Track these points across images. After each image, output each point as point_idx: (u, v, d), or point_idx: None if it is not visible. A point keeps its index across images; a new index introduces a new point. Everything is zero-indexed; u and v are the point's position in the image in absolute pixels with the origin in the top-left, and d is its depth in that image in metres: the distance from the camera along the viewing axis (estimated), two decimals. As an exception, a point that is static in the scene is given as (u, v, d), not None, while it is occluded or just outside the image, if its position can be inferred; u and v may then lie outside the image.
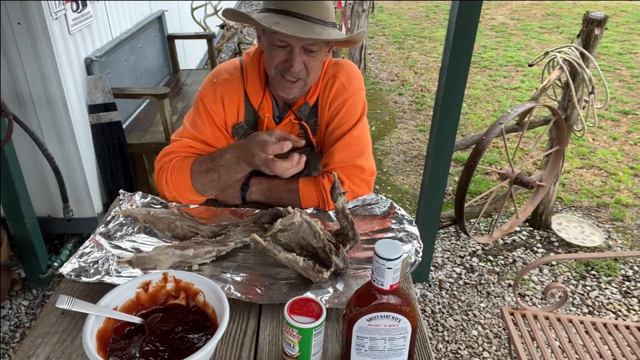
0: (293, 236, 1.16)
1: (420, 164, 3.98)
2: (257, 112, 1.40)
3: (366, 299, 0.84)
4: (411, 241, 1.23)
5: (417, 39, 7.46)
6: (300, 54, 1.23)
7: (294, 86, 1.29)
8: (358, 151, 1.38)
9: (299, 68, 1.25)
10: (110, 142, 2.74)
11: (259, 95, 1.38)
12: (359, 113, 1.38)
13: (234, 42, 6.14)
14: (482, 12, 4.01)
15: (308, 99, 1.38)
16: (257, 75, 1.37)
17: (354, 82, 1.38)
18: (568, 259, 2.88)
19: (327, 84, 1.37)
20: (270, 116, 1.40)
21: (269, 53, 1.27)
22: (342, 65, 1.40)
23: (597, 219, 3.32)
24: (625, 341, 1.76)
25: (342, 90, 1.36)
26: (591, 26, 2.56)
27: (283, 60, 1.25)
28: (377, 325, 0.85)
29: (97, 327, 0.88)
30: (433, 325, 2.48)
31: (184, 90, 3.69)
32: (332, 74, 1.37)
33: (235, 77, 1.38)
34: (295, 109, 1.39)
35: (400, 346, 0.88)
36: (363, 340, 0.87)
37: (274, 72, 1.29)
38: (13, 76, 2.38)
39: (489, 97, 5.32)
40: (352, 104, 1.37)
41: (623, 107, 4.99)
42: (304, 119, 1.40)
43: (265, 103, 1.39)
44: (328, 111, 1.38)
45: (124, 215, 1.25)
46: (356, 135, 1.37)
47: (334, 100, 1.37)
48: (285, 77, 1.27)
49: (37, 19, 2.25)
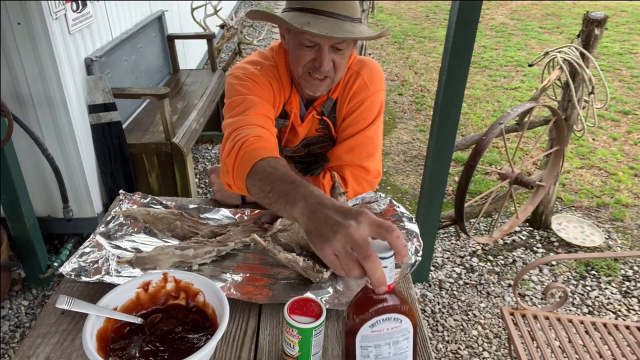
0: (293, 236, 1.16)
1: (420, 164, 3.98)
2: (285, 106, 1.38)
3: (365, 305, 0.81)
4: (411, 239, 1.22)
5: (417, 39, 7.46)
6: (329, 52, 1.22)
7: (321, 84, 1.28)
8: (368, 152, 1.37)
9: (329, 67, 1.23)
10: (110, 142, 2.74)
11: (287, 91, 1.36)
12: (375, 113, 1.37)
13: (234, 42, 6.14)
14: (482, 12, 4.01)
15: (331, 95, 1.37)
16: (285, 70, 1.35)
17: (376, 82, 1.37)
18: (568, 259, 2.88)
19: (349, 79, 1.36)
20: (297, 113, 1.39)
21: (296, 52, 1.25)
22: (366, 63, 1.38)
23: (597, 219, 3.32)
24: (625, 341, 1.76)
25: (364, 87, 1.35)
26: (591, 26, 2.56)
27: (311, 60, 1.24)
28: (380, 331, 0.82)
29: (97, 327, 0.88)
30: (433, 325, 2.48)
31: (184, 90, 3.68)
32: (355, 71, 1.36)
33: (274, 66, 1.33)
34: (318, 105, 1.38)
35: (404, 349, 0.86)
36: (368, 350, 0.84)
37: (301, 71, 1.27)
38: (13, 76, 2.38)
39: (489, 97, 5.32)
40: (370, 102, 1.36)
41: (623, 107, 4.99)
42: (325, 114, 1.39)
43: (293, 98, 1.37)
44: (347, 106, 1.37)
45: (124, 215, 1.25)
46: (369, 136, 1.36)
47: (354, 96, 1.36)
48: (313, 75, 1.26)
49: (37, 19, 2.25)
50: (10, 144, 2.26)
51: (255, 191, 1.03)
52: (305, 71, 1.26)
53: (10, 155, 2.28)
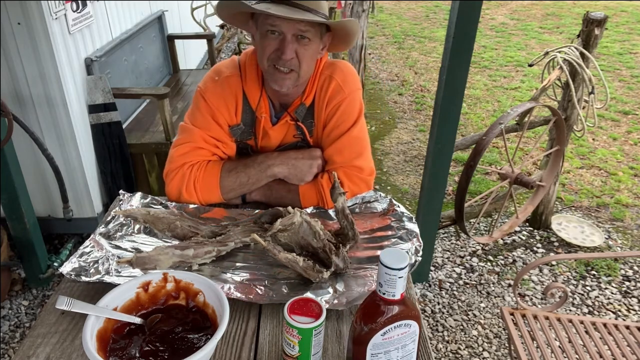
0: (293, 236, 1.16)
1: (420, 164, 3.98)
2: (255, 112, 1.40)
3: (375, 313, 0.80)
4: (411, 239, 1.22)
5: (417, 39, 7.46)
6: (292, 41, 1.23)
7: (286, 77, 1.28)
8: (357, 151, 1.38)
9: (291, 55, 1.24)
10: (110, 142, 2.74)
11: (256, 95, 1.38)
12: (356, 113, 1.38)
13: (234, 42, 6.15)
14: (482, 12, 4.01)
15: (304, 100, 1.38)
16: (255, 74, 1.37)
17: (350, 83, 1.38)
18: (568, 259, 2.88)
19: (323, 84, 1.37)
20: (267, 117, 1.40)
21: (261, 44, 1.27)
22: (338, 65, 1.40)
23: (597, 219, 3.32)
24: (625, 341, 1.76)
25: (339, 90, 1.36)
26: (591, 26, 2.56)
27: (275, 50, 1.25)
28: (391, 337, 0.82)
29: (97, 327, 0.88)
30: (433, 325, 2.48)
31: (184, 90, 3.69)
32: (328, 75, 1.37)
33: (235, 74, 1.38)
34: (292, 110, 1.39)
35: (410, 350, 0.87)
36: (378, 357, 0.84)
37: (266, 64, 1.28)
38: (13, 76, 2.38)
39: (489, 97, 5.32)
40: (348, 104, 1.37)
41: (623, 107, 4.99)
42: (300, 120, 1.40)
43: (263, 103, 1.39)
44: (325, 112, 1.38)
45: (124, 215, 1.25)
46: (355, 136, 1.37)
47: (331, 100, 1.37)
48: (278, 68, 1.27)
49: (37, 19, 2.25)
50: (10, 144, 2.26)
51: (234, 185, 1.37)
52: (271, 64, 1.27)
53: (10, 155, 2.28)
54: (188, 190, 1.36)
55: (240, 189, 1.38)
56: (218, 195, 1.38)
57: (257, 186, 1.39)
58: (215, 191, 1.37)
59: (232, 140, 1.42)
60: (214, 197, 1.38)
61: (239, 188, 1.38)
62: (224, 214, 1.35)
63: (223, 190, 1.37)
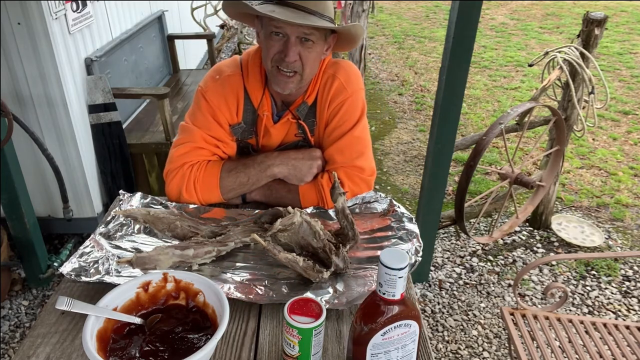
0: (293, 236, 1.16)
1: (420, 164, 3.98)
2: (257, 110, 1.40)
3: (376, 313, 0.81)
4: (411, 239, 1.22)
5: (417, 39, 7.46)
6: (296, 44, 1.24)
7: (289, 80, 1.29)
8: (358, 151, 1.38)
9: (294, 58, 1.25)
10: (110, 142, 2.74)
11: (258, 93, 1.38)
12: (358, 113, 1.38)
13: (234, 42, 6.14)
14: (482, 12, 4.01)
15: (306, 99, 1.38)
16: (257, 73, 1.37)
17: (353, 82, 1.38)
18: (568, 259, 2.88)
19: (325, 83, 1.37)
20: (269, 115, 1.40)
21: (265, 45, 1.28)
22: (341, 65, 1.40)
23: (597, 219, 3.32)
24: (625, 341, 1.76)
25: (342, 90, 1.36)
26: (591, 26, 2.56)
27: (279, 51, 1.25)
28: (391, 337, 0.82)
29: (97, 327, 0.88)
30: (433, 325, 2.48)
31: (184, 90, 3.69)
32: (331, 74, 1.37)
33: (237, 73, 1.38)
34: (293, 109, 1.39)
35: (410, 350, 0.87)
36: (378, 357, 0.84)
37: (270, 65, 1.28)
38: (13, 76, 2.38)
39: (489, 97, 5.32)
40: (351, 103, 1.37)
41: (623, 107, 4.99)
42: (301, 118, 1.40)
43: (265, 101, 1.39)
44: (327, 111, 1.38)
45: (124, 215, 1.25)
46: (357, 136, 1.37)
47: (333, 100, 1.37)
48: (281, 70, 1.27)
49: (37, 19, 2.25)
50: (10, 144, 2.26)
51: (233, 185, 1.37)
52: (274, 65, 1.27)
53: (10, 155, 2.28)
54: (188, 190, 1.36)
55: (240, 188, 1.38)
56: (218, 195, 1.38)
57: (257, 186, 1.39)
58: (215, 191, 1.37)
59: (232, 139, 1.42)
60: (214, 197, 1.38)
61: (239, 188, 1.38)
62: (224, 214, 1.35)
63: (223, 190, 1.37)
